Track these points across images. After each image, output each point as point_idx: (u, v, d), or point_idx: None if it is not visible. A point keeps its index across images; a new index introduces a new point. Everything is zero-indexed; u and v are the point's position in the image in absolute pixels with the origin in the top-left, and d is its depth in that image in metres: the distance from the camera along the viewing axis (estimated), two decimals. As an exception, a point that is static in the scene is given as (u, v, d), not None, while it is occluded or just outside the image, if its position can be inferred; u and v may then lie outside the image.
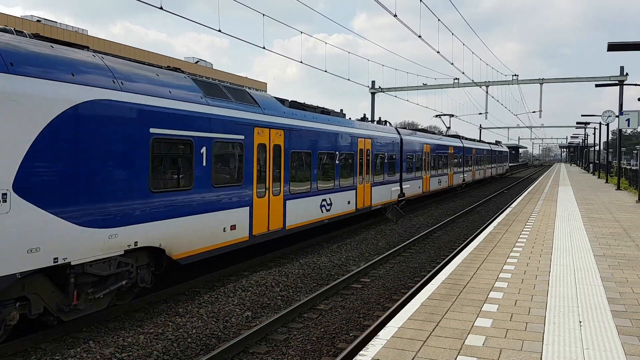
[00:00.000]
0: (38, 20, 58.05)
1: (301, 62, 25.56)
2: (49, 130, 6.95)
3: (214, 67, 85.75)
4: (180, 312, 8.94)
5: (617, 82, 32.67)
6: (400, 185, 22.35)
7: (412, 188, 24.03)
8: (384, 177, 20.21)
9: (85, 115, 7.47)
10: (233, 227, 10.90)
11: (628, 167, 46.65)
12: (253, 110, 11.75)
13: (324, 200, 15.31)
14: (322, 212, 15.19)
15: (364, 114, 21.42)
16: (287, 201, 13.15)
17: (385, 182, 20.41)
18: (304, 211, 14.07)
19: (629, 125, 25.08)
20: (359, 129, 18.27)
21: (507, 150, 61.99)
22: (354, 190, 17.59)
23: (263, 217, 12.05)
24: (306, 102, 16.05)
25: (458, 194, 36.25)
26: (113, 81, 8.08)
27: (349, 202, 17.12)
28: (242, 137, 11.15)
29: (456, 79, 41.59)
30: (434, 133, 32.46)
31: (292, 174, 13.39)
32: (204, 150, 9.89)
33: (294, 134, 13.47)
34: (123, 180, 8.16)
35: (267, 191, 12.17)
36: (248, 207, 11.43)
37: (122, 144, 8.12)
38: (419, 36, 22.17)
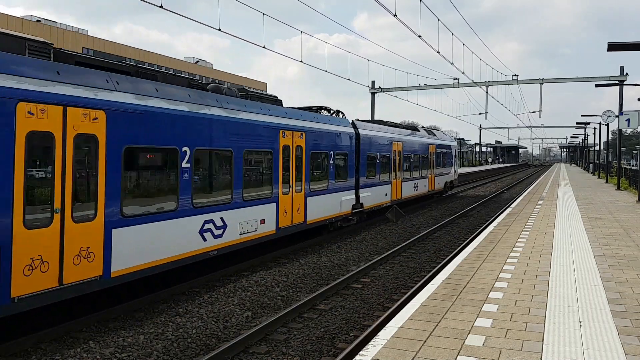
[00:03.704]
0: (38, 20, 58.05)
1: (301, 61, 25.56)
2: None
3: (214, 67, 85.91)
4: (180, 312, 8.94)
5: (617, 82, 32.68)
6: (356, 193, 17.93)
7: (376, 196, 19.59)
8: (327, 184, 15.70)
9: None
10: (262, 221, 12.39)
11: (628, 167, 46.65)
12: None
13: (206, 222, 10.33)
14: (203, 243, 10.22)
15: (324, 107, 17.24)
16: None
17: (331, 190, 15.94)
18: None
19: (629, 125, 25.08)
20: (282, 117, 13.29)
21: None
22: (274, 204, 12.83)
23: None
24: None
25: (458, 193, 36.22)
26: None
27: (262, 222, 12.30)
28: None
29: (456, 79, 41.61)
30: (415, 129, 26.88)
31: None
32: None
33: None
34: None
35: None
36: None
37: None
38: (419, 36, 22.17)
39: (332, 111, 17.73)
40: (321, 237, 16.13)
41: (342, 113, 18.24)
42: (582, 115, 42.35)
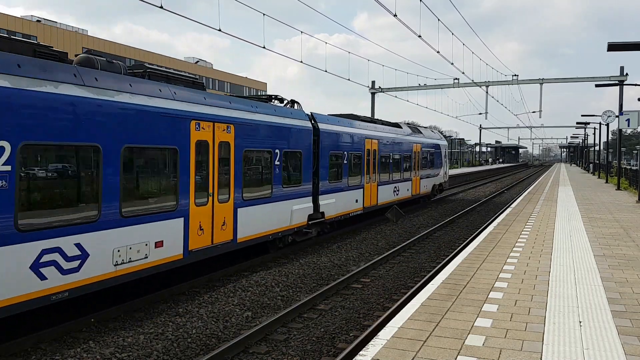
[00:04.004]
0: (38, 20, 58.08)
1: (301, 62, 25.56)
2: None
3: (214, 67, 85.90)
4: (180, 312, 8.94)
5: (617, 82, 32.69)
6: (315, 201, 15.06)
7: (343, 203, 16.72)
8: (271, 190, 12.60)
9: None
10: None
11: (628, 167, 46.66)
12: None
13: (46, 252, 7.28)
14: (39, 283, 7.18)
15: (275, 95, 14.64)
16: None
17: (277, 198, 12.85)
18: None
19: (629, 125, 25.09)
20: (194, 104, 10.09)
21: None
22: (181, 219, 9.70)
23: None
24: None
25: (459, 193, 36.22)
26: None
27: (158, 245, 9.18)
28: None
29: (456, 79, 41.64)
30: (396, 125, 23.62)
31: None
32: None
33: None
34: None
35: None
36: None
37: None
38: (419, 36, 22.18)
39: (285, 101, 14.81)
40: (321, 237, 16.10)
41: (298, 104, 15.28)
42: (582, 115, 42.39)
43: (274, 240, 13.24)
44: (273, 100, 14.51)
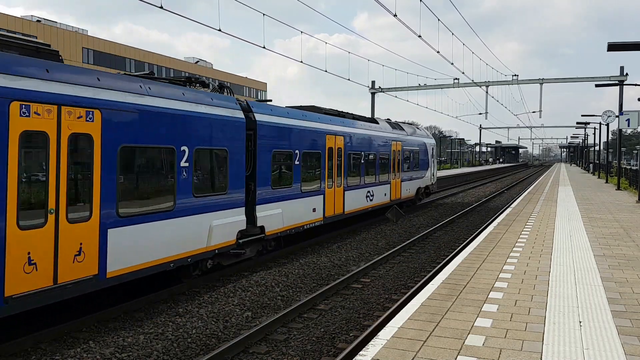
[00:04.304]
0: (38, 20, 58.06)
1: (301, 62, 25.55)
2: None
3: (214, 67, 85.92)
4: (180, 312, 8.94)
5: (617, 82, 32.68)
6: (251, 212, 11.93)
7: (293, 213, 13.65)
8: (173, 202, 9.48)
9: None
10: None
11: (628, 167, 46.67)
12: None
13: None
14: None
15: (196, 77, 11.72)
16: None
17: (184, 211, 9.69)
18: None
19: (629, 125, 25.09)
20: (38, 80, 7.11)
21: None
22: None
23: None
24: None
25: (459, 194, 36.23)
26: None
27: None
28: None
29: (456, 79, 41.62)
30: (372, 121, 20.60)
31: None
32: None
33: None
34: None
35: None
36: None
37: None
38: (419, 36, 22.18)
39: (210, 86, 11.89)
40: (321, 238, 16.09)
41: (228, 90, 12.38)
42: (582, 115, 42.39)
43: (184, 267, 10.06)
44: (196, 85, 11.35)
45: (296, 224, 13.91)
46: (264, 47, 19.91)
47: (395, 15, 18.66)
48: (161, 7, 13.25)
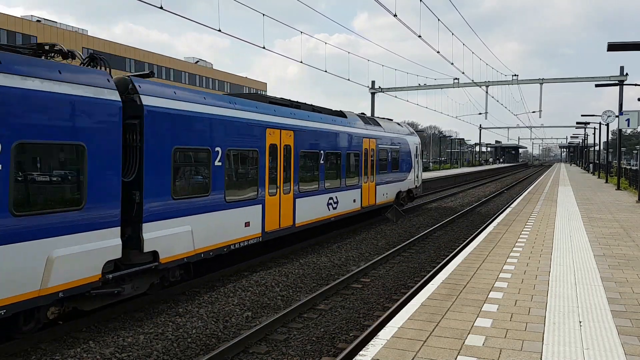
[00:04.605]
0: (38, 20, 58.09)
1: (301, 62, 25.57)
2: None
3: (214, 67, 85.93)
4: (180, 312, 8.94)
5: (617, 82, 32.69)
6: (136, 232, 8.69)
7: (211, 231, 10.39)
8: None
9: None
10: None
11: (628, 167, 46.69)
12: None
13: None
14: None
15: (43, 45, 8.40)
16: None
17: (7, 237, 6.57)
18: None
19: (629, 125, 25.10)
20: None
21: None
22: None
23: None
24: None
25: (458, 194, 36.24)
26: None
27: None
28: None
29: (456, 79, 41.65)
30: (340, 114, 17.29)
31: None
32: None
33: None
34: None
35: None
36: None
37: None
38: (419, 36, 22.20)
39: (76, 57, 8.72)
40: (321, 237, 16.07)
41: (104, 63, 8.77)
42: (582, 115, 42.41)
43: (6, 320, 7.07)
44: (49, 55, 8.45)
45: (217, 245, 10.44)
46: (263, 48, 19.93)
47: (395, 15, 18.67)
48: (161, 8, 13.26)
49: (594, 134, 59.52)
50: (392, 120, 23.16)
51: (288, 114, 13.53)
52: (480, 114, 51.43)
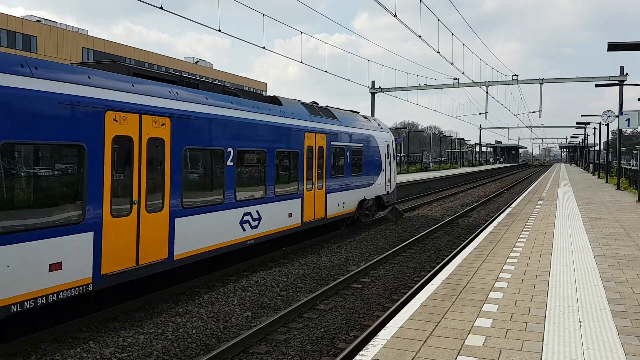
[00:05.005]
0: (38, 20, 58.08)
1: (302, 62, 25.57)
2: None
3: (214, 67, 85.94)
4: (180, 312, 8.94)
5: (617, 82, 32.70)
6: None
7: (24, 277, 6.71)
8: None
9: None
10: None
11: (628, 167, 46.69)
12: None
13: None
14: None
15: None
16: None
17: None
18: None
19: (629, 125, 25.10)
20: None
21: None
22: None
23: None
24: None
25: (458, 194, 36.26)
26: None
27: None
28: None
29: (456, 79, 41.67)
30: (274, 101, 13.70)
31: None
32: None
33: None
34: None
35: None
36: None
37: None
38: (419, 36, 22.21)
39: None
40: (321, 238, 16.07)
41: None
42: (582, 115, 42.42)
43: None
44: None
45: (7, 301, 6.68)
46: (263, 48, 19.93)
47: (395, 16, 18.67)
48: (161, 8, 13.26)
49: (594, 134, 59.54)
50: (357, 113, 19.35)
51: (157, 93, 9.26)
52: (480, 114, 51.46)
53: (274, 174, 12.76)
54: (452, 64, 28.82)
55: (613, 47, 15.03)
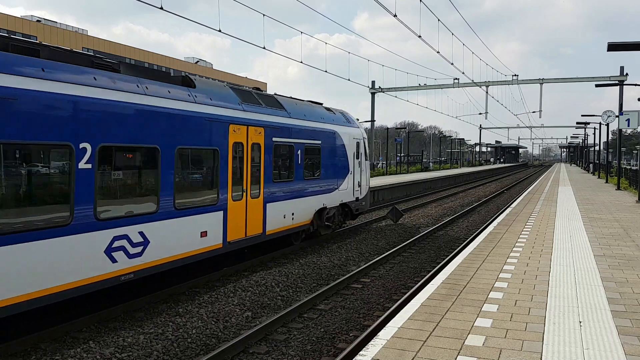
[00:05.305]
0: (38, 20, 58.09)
1: (302, 62, 25.58)
2: None
3: (214, 67, 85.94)
4: (180, 312, 8.94)
5: (617, 82, 32.72)
6: None
7: None
8: None
9: None
10: None
11: (628, 167, 46.68)
12: None
13: None
14: None
15: None
16: None
17: None
18: None
19: (629, 125, 25.09)
20: None
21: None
22: None
23: None
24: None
25: (458, 193, 36.25)
26: None
27: None
28: None
29: (456, 79, 41.73)
30: (164, 77, 9.97)
31: None
32: None
33: None
34: None
35: None
36: None
37: None
38: (419, 36, 22.22)
39: None
40: (321, 238, 16.06)
41: None
42: (582, 115, 42.41)
43: None
44: None
45: None
46: (264, 48, 19.93)
47: (395, 16, 18.68)
48: (161, 8, 13.26)
49: (594, 134, 59.49)
50: (320, 104, 16.37)
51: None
52: (480, 114, 51.49)
53: (174, 179, 9.48)
54: (452, 64, 28.85)
55: (613, 47, 15.03)
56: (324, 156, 15.16)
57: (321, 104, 16.54)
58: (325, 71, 29.31)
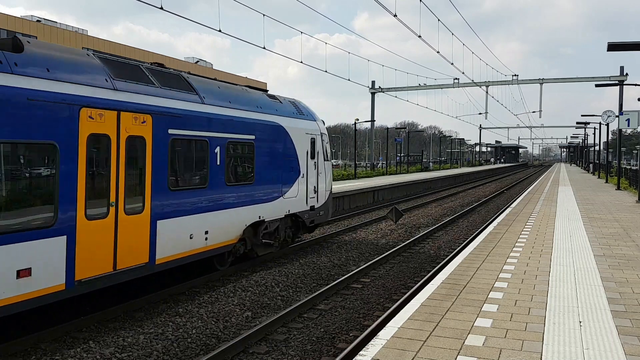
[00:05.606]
0: (38, 20, 58.09)
1: (302, 62, 25.58)
2: None
3: (214, 67, 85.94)
4: (180, 312, 8.94)
5: (617, 82, 32.73)
6: None
7: None
8: None
9: None
10: None
11: (628, 167, 46.70)
12: None
13: None
14: None
15: None
16: None
17: None
18: None
19: (629, 125, 25.10)
20: None
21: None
22: None
23: None
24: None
25: (459, 193, 36.24)
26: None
27: None
28: None
29: (456, 79, 41.74)
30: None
31: None
32: None
33: None
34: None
35: None
36: None
37: None
38: (419, 36, 22.23)
39: None
40: (321, 238, 16.08)
41: None
42: (582, 115, 42.43)
43: None
44: None
45: None
46: (264, 48, 19.94)
47: (395, 16, 18.69)
48: (161, 8, 13.27)
49: (594, 134, 59.46)
50: (265, 91, 13.67)
51: None
52: (480, 114, 51.52)
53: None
54: (452, 64, 28.87)
55: (613, 47, 15.03)
56: (259, 155, 12.02)
57: (265, 90, 13.69)
58: (325, 71, 29.35)
